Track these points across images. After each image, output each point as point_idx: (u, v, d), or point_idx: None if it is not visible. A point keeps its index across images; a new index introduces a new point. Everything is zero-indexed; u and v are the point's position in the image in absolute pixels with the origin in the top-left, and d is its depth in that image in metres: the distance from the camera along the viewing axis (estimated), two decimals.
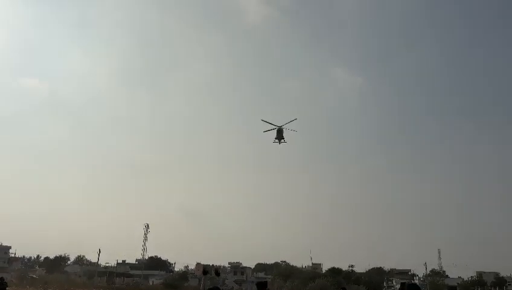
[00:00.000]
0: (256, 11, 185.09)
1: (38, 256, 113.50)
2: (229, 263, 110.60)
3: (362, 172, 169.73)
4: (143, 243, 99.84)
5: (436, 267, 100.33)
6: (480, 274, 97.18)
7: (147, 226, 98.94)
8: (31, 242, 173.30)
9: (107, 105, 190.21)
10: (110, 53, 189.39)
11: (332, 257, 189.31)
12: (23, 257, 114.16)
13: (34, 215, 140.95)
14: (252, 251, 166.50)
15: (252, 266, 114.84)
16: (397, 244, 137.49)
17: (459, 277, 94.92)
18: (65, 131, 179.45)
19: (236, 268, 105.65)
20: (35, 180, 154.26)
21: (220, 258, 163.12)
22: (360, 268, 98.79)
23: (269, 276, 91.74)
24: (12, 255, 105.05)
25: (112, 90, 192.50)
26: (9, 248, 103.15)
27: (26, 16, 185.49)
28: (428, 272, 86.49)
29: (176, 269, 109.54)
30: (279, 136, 53.63)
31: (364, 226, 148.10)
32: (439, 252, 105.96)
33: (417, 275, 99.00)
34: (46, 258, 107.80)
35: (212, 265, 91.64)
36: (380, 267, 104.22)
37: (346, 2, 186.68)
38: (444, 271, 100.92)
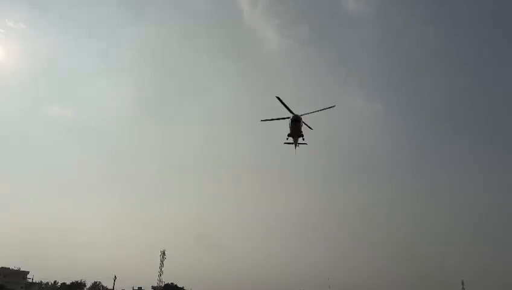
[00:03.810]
0: (274, 42, 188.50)
1: (55, 282, 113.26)
2: None
3: None
4: (159, 270, 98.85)
5: None
6: None
7: (163, 253, 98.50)
8: (49, 267, 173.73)
9: (128, 132, 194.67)
10: (130, 82, 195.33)
11: None
12: (41, 282, 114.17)
13: (52, 240, 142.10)
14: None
15: None
16: None
17: None
18: (86, 157, 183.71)
19: None
20: (55, 205, 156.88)
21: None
22: None
23: None
24: (30, 280, 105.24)
25: (132, 118, 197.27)
26: (27, 273, 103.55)
27: (54, 45, 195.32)
28: None
29: None
30: (295, 130, 43.76)
31: None
32: None
33: None
34: (63, 284, 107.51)
35: None
36: None
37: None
38: None
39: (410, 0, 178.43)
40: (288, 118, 42.76)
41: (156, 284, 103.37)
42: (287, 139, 45.00)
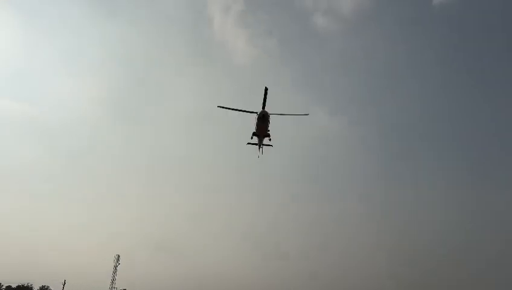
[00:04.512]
0: (243, 51, 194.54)
1: (0, 285, 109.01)
2: None
3: None
4: (112, 275, 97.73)
5: None
6: None
7: (118, 258, 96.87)
8: None
9: (88, 132, 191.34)
10: (96, 82, 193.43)
11: None
12: None
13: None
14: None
15: None
16: None
17: None
18: (40, 155, 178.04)
19: None
20: (5, 206, 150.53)
21: None
22: None
23: None
24: None
25: (94, 118, 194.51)
26: None
27: (19, 41, 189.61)
28: None
29: None
30: (261, 128, 39.01)
31: None
32: None
33: None
34: (8, 287, 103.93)
35: None
36: None
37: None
38: None
39: (379, 20, 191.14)
40: (252, 112, 38.38)
41: None
42: (252, 138, 41.26)
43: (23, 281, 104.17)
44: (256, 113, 37.77)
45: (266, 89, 37.23)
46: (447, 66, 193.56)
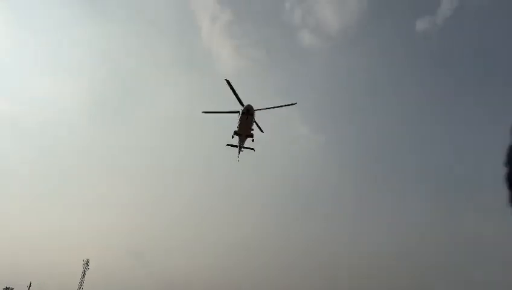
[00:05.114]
0: (229, 60, 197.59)
1: None
2: None
3: None
4: (80, 280, 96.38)
5: None
6: None
7: (87, 263, 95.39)
8: None
9: (67, 133, 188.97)
10: (78, 82, 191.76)
11: None
12: None
13: None
14: None
15: None
16: None
17: None
18: (17, 154, 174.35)
19: None
20: None
21: None
22: None
23: None
24: None
25: (75, 119, 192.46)
26: None
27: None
28: None
29: None
30: (245, 126, 34.95)
31: None
32: None
33: None
34: None
35: None
36: None
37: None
38: None
39: (363, 42, 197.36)
40: (237, 112, 34.91)
41: None
42: (232, 137, 37.02)
43: None
44: (239, 112, 34.42)
45: (228, 82, 32.94)
46: (424, 90, 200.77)
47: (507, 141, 5.05)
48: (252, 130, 35.38)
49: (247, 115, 33.86)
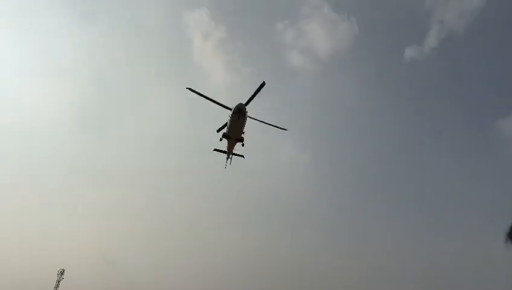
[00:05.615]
0: (220, 75, 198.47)
1: None
2: None
3: None
4: None
5: None
6: None
7: (62, 272, 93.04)
8: None
9: (47, 137, 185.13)
10: (66, 86, 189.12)
11: None
12: None
13: None
14: None
15: None
16: None
17: None
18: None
19: None
20: None
21: None
22: None
23: None
24: None
25: (61, 125, 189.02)
26: None
27: None
28: None
29: None
30: (235, 128, 30.59)
31: None
32: None
33: None
34: None
35: None
36: None
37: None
38: None
39: (355, 64, 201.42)
40: (227, 107, 30.62)
41: None
42: (221, 140, 32.80)
43: None
44: (231, 108, 30.26)
45: (263, 84, 29.22)
46: (410, 114, 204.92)
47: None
48: (243, 132, 31.39)
49: (239, 115, 30.27)
